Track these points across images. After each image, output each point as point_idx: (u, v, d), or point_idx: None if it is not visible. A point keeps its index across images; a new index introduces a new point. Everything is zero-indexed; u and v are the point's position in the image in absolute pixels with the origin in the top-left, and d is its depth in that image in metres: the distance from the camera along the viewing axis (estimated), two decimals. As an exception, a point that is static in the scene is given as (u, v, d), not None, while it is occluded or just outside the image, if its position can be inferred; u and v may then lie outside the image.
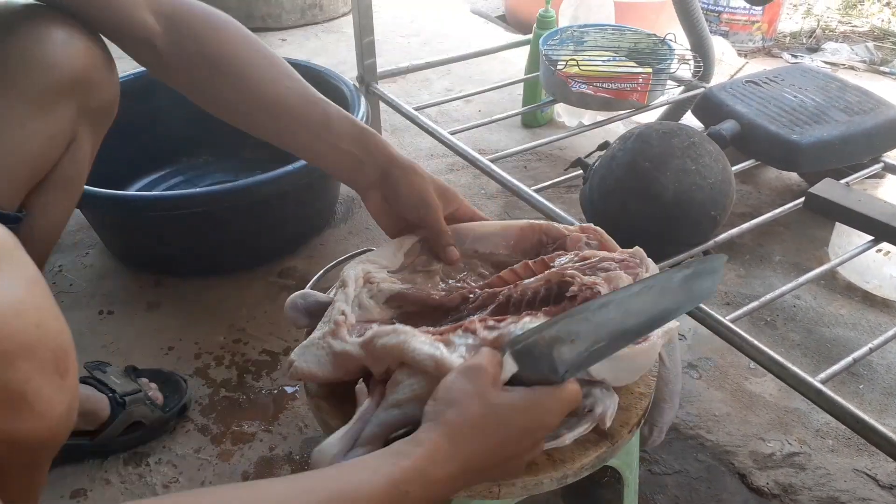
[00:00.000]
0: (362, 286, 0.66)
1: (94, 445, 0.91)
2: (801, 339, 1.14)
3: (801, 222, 1.39)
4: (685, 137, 1.02)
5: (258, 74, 0.70)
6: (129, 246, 1.28)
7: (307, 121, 0.70)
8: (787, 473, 0.93)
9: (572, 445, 0.58)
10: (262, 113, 0.71)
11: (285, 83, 0.70)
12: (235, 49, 0.70)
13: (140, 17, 0.66)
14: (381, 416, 0.56)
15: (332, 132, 0.70)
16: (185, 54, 0.69)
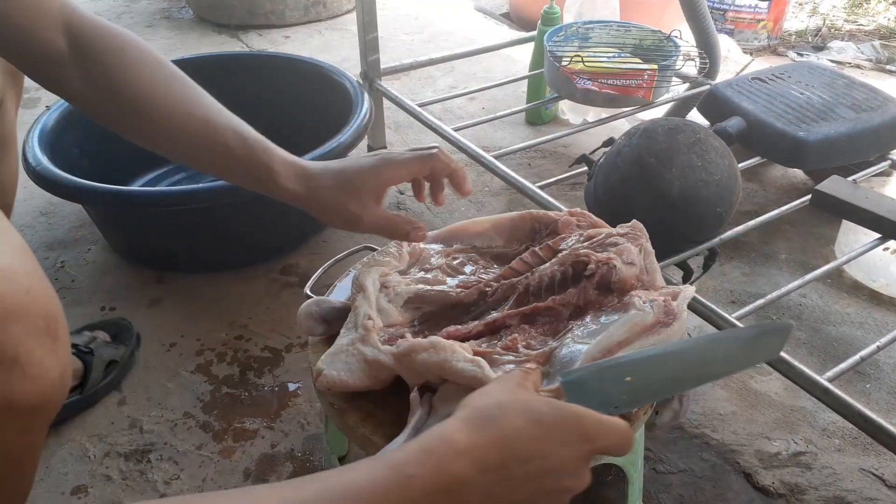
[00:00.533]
0: (379, 290, 0.66)
1: (87, 398, 0.97)
2: (808, 337, 1.13)
3: (808, 220, 1.38)
4: (691, 133, 1.01)
5: (160, 102, 0.67)
6: (131, 242, 1.28)
7: (210, 149, 0.68)
8: (792, 473, 0.92)
9: None
10: (165, 140, 0.69)
11: (191, 111, 0.67)
12: (139, 74, 0.67)
13: (48, 35, 0.64)
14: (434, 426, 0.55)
15: (233, 160, 0.67)
16: (90, 77, 0.66)
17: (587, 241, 0.68)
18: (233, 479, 0.90)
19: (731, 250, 1.31)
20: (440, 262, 0.72)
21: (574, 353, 0.56)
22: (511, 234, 0.75)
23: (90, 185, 1.10)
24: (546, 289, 0.64)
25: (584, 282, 0.63)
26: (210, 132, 0.67)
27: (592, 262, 0.63)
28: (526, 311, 0.62)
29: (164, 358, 1.08)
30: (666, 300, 0.59)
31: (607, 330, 0.57)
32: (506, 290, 0.65)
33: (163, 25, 2.45)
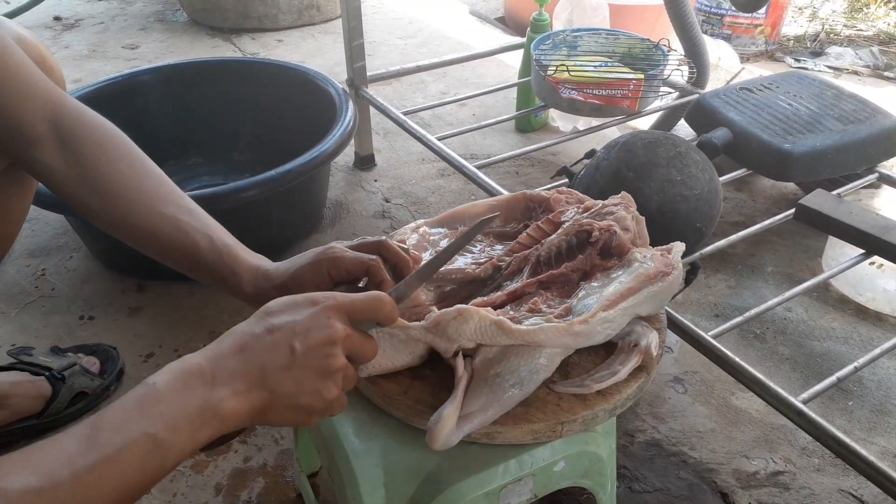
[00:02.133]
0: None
1: (42, 423, 0.95)
2: (791, 352, 1.12)
3: (795, 232, 1.36)
4: (671, 147, 1.00)
5: (133, 199, 0.68)
6: (112, 250, 1.27)
7: (178, 250, 0.68)
8: (770, 493, 0.91)
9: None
10: (133, 235, 0.69)
11: (162, 210, 0.68)
12: (124, 169, 0.68)
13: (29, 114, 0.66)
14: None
15: (199, 263, 0.68)
16: (68, 164, 0.67)
17: (585, 212, 0.74)
18: (204, 493, 0.89)
19: (717, 262, 1.30)
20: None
21: (590, 304, 0.63)
22: (508, 214, 0.79)
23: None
24: (555, 258, 0.70)
25: (588, 248, 0.69)
26: (179, 234, 0.68)
27: (596, 230, 0.70)
28: (543, 278, 0.68)
29: (140, 369, 1.07)
30: (663, 254, 0.67)
31: (616, 281, 0.65)
32: (519, 262, 0.71)
33: (156, 28, 2.45)
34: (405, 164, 1.63)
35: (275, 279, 0.66)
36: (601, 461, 0.72)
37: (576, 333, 0.61)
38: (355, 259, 0.64)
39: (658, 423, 1.00)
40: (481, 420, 0.57)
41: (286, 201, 1.26)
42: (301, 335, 0.50)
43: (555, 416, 0.60)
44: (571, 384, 0.62)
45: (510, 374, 0.59)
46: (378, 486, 0.64)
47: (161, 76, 1.51)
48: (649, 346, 0.63)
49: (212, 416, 0.46)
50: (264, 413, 0.49)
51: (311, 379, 0.50)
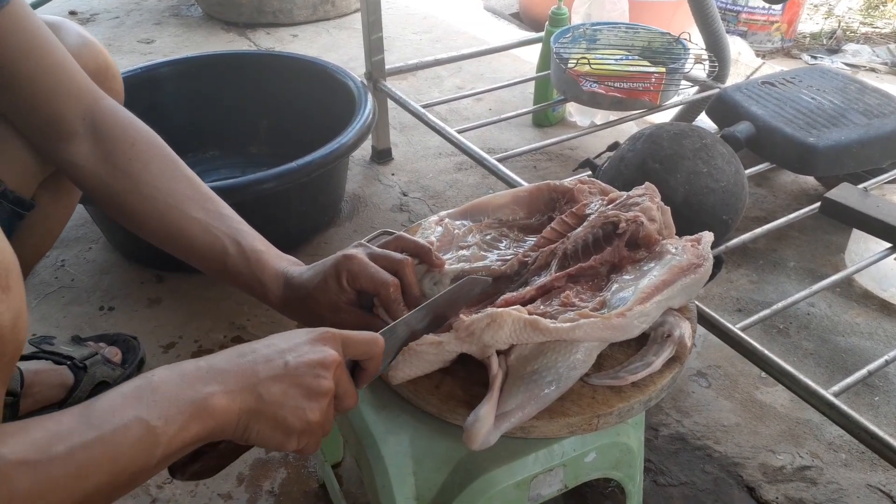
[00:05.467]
0: (423, 276, 0.67)
1: None
2: (815, 348, 1.11)
3: (817, 227, 1.35)
4: (697, 139, 0.99)
5: (170, 201, 0.68)
6: (131, 241, 1.27)
7: (207, 254, 0.68)
8: (797, 488, 0.90)
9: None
10: (161, 236, 0.69)
11: (192, 213, 0.67)
12: (155, 170, 0.69)
13: (65, 107, 0.66)
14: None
15: (228, 269, 0.67)
16: (106, 166, 0.68)
17: (610, 203, 0.72)
18: (226, 484, 0.89)
19: (739, 257, 1.28)
20: (475, 240, 0.75)
21: (626, 296, 0.62)
22: (531, 205, 0.78)
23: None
24: (582, 251, 0.69)
25: (615, 240, 0.68)
26: (209, 237, 0.67)
27: (623, 222, 0.68)
28: (572, 272, 0.67)
29: (161, 359, 1.07)
30: (693, 244, 0.67)
31: (650, 274, 0.64)
32: (546, 256, 0.70)
33: (171, 23, 2.45)
34: (422, 158, 1.62)
35: (299, 290, 0.66)
36: (632, 452, 0.71)
37: (614, 327, 0.60)
38: (372, 279, 0.63)
39: (682, 416, 0.99)
40: (519, 418, 0.57)
41: (305, 194, 1.26)
42: (295, 352, 0.51)
43: (591, 409, 0.59)
44: (606, 376, 0.61)
45: (547, 370, 0.58)
46: (408, 474, 0.64)
47: (178, 69, 1.51)
48: (682, 336, 0.63)
49: (202, 410, 0.46)
50: (249, 421, 0.49)
51: (297, 395, 0.50)
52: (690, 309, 0.68)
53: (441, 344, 0.59)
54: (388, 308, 0.64)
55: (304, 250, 1.30)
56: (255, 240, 0.69)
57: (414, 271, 0.66)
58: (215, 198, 0.70)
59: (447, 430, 0.63)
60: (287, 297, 0.67)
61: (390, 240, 0.69)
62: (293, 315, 0.69)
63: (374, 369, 0.56)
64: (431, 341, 0.59)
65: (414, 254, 0.67)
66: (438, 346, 0.60)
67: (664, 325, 0.64)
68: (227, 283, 0.69)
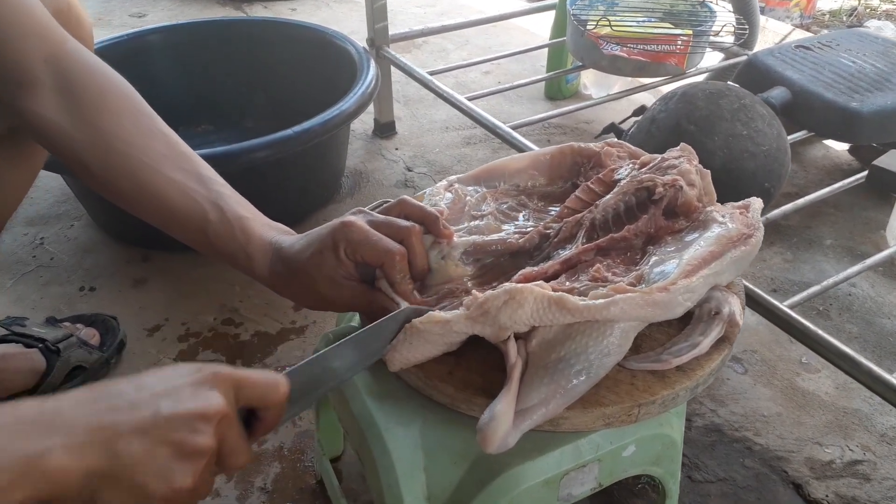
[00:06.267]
0: (429, 248, 0.59)
1: None
2: (860, 331, 1.02)
3: (855, 203, 1.26)
4: (735, 99, 0.89)
5: (144, 159, 0.59)
6: (115, 217, 1.18)
7: (185, 221, 0.60)
8: (849, 484, 0.81)
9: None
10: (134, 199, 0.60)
11: (168, 173, 0.59)
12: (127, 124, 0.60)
13: (27, 57, 0.57)
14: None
15: (209, 238, 0.59)
16: (72, 117, 0.59)
17: (642, 167, 0.64)
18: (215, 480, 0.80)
19: (772, 234, 1.19)
20: (490, 209, 0.66)
21: (667, 270, 0.55)
22: (552, 170, 0.70)
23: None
24: (613, 221, 0.61)
25: (651, 208, 0.60)
26: (188, 202, 0.59)
27: (659, 186, 0.60)
28: (602, 243, 0.59)
29: (144, 343, 0.98)
30: (741, 212, 0.59)
31: (694, 245, 0.56)
32: (570, 228, 0.62)
33: (165, -3, 2.35)
34: (427, 132, 1.52)
35: (290, 262, 0.57)
36: (675, 445, 0.62)
37: (656, 304, 0.50)
38: (375, 248, 0.55)
39: (717, 405, 0.90)
40: (542, 415, 0.48)
41: (302, 166, 1.17)
42: (171, 397, 0.40)
43: (630, 398, 0.50)
44: (646, 359, 0.52)
45: (576, 357, 0.49)
46: (417, 470, 0.55)
47: (169, 37, 1.42)
48: (733, 313, 0.54)
49: (34, 469, 0.36)
50: (98, 486, 0.38)
51: (165, 455, 0.39)
52: (737, 285, 0.59)
53: (448, 323, 0.50)
54: (392, 281, 0.56)
55: (302, 228, 1.18)
56: (239, 205, 0.60)
57: (422, 240, 0.57)
58: (195, 157, 0.61)
59: (464, 419, 0.54)
60: (276, 271, 0.58)
61: (392, 204, 0.60)
62: (283, 291, 0.60)
63: (274, 419, 0.46)
64: (437, 319, 0.50)
65: (420, 221, 0.58)
66: (445, 326, 0.50)
67: (710, 301, 0.55)
68: (209, 253, 0.61)
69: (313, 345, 0.97)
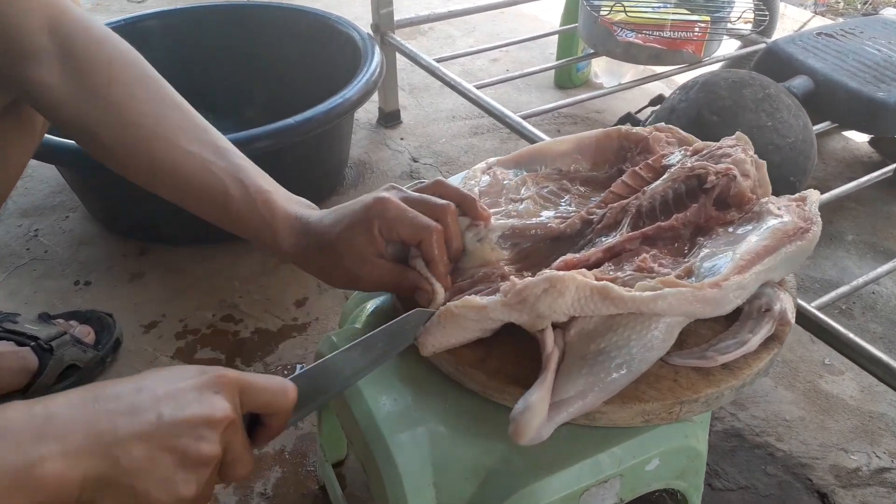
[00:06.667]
0: (465, 229, 0.58)
1: None
2: (885, 331, 0.98)
3: (877, 197, 1.21)
4: (759, 88, 0.85)
5: (158, 131, 0.56)
6: (112, 209, 1.14)
7: (205, 196, 0.57)
8: (877, 493, 0.77)
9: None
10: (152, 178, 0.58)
11: (185, 146, 0.57)
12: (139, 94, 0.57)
13: (29, 26, 0.54)
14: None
15: (230, 213, 0.57)
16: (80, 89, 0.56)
17: (694, 154, 0.62)
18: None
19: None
20: (530, 193, 0.64)
21: (718, 264, 0.52)
22: (597, 155, 0.68)
23: (66, 143, 0.96)
24: (661, 209, 0.59)
25: (702, 197, 0.57)
26: (207, 176, 0.56)
27: (712, 175, 0.58)
28: (649, 231, 0.57)
29: (141, 340, 0.94)
30: (799, 205, 0.56)
31: (747, 238, 0.53)
32: (615, 214, 0.60)
33: (165, -17, 2.30)
34: (434, 121, 1.48)
35: (318, 238, 0.55)
36: (699, 458, 0.58)
37: (706, 300, 0.48)
38: (412, 224, 0.53)
39: (737, 409, 0.86)
40: (579, 408, 0.45)
41: (304, 156, 1.13)
42: (174, 401, 0.38)
43: (672, 395, 0.48)
44: (691, 355, 0.50)
45: (617, 350, 0.47)
46: (426, 485, 0.51)
47: (167, 22, 1.37)
48: (784, 311, 0.51)
49: (26, 480, 0.33)
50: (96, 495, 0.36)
51: (167, 463, 0.37)
52: (789, 282, 0.56)
53: (484, 309, 0.48)
54: (429, 260, 0.53)
55: None
56: (260, 178, 0.57)
57: (457, 219, 0.55)
58: (210, 128, 0.59)
59: (477, 429, 0.51)
60: (302, 246, 0.56)
61: (428, 184, 0.57)
62: (308, 267, 0.57)
63: (279, 426, 0.44)
64: (474, 305, 0.48)
65: (457, 203, 0.56)
66: (481, 312, 0.48)
67: (761, 297, 0.53)
68: (232, 229, 0.58)
69: (315, 342, 0.94)
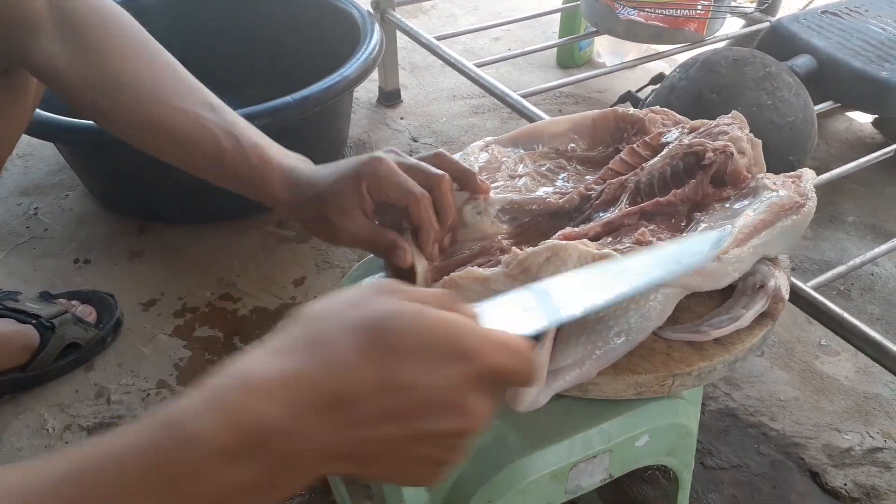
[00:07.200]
0: (465, 202, 0.58)
1: (28, 376, 0.85)
2: (882, 312, 0.97)
3: (879, 179, 1.20)
4: (760, 66, 0.84)
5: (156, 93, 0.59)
6: (111, 187, 1.14)
7: (199, 151, 0.59)
8: (868, 473, 0.78)
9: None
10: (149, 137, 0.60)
11: (178, 104, 0.59)
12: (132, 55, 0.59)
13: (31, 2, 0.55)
14: None
15: (225, 168, 0.59)
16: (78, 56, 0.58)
17: (692, 132, 0.62)
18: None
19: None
20: (528, 170, 0.65)
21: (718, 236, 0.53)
22: (594, 135, 0.68)
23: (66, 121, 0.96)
24: (659, 185, 0.60)
25: (699, 174, 0.58)
26: (201, 132, 0.59)
27: (710, 151, 0.58)
28: (647, 207, 0.57)
29: (140, 318, 0.95)
30: (794, 181, 0.57)
31: (745, 212, 0.54)
32: (614, 189, 0.60)
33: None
34: (434, 101, 1.47)
35: (311, 187, 0.57)
36: (690, 435, 0.59)
37: (706, 273, 0.49)
38: (399, 186, 0.53)
39: (732, 389, 0.87)
40: (576, 376, 0.46)
41: (302, 135, 1.12)
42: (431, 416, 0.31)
43: (665, 368, 0.49)
44: (685, 330, 0.51)
45: (615, 319, 0.47)
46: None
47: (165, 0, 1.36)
48: (779, 287, 0.52)
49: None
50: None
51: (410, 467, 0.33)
52: (783, 261, 0.56)
53: (488, 280, 0.48)
54: (416, 226, 0.53)
55: None
56: (253, 133, 0.60)
57: (451, 190, 0.55)
58: (203, 87, 0.61)
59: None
60: (296, 198, 0.57)
61: (428, 155, 0.57)
62: (299, 216, 0.59)
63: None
64: (476, 276, 0.49)
65: (454, 175, 0.56)
66: (484, 283, 0.49)
67: (756, 274, 0.53)
68: (227, 184, 0.60)
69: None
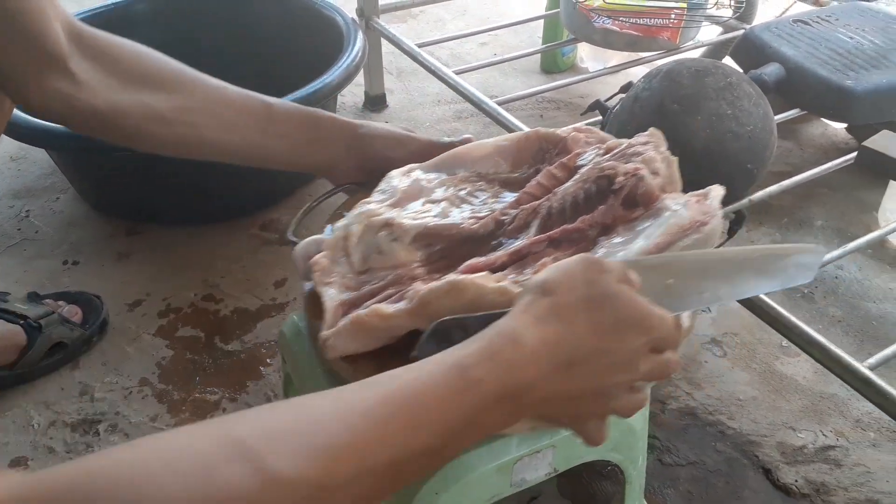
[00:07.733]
0: (380, 230, 0.58)
1: (15, 374, 0.88)
2: (843, 314, 1.00)
3: (848, 183, 1.23)
4: (721, 77, 0.87)
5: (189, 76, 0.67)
6: (100, 191, 1.18)
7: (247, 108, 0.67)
8: (819, 470, 0.81)
9: None
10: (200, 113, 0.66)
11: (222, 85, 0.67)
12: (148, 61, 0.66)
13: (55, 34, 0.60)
14: None
15: (275, 121, 0.67)
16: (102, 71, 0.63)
17: (607, 153, 0.62)
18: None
19: (761, 214, 1.17)
20: (447, 194, 0.65)
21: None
22: (517, 157, 0.68)
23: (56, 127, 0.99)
24: (570, 209, 0.59)
25: (610, 198, 0.57)
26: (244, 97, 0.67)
27: (620, 175, 0.57)
28: (554, 234, 0.57)
29: (125, 318, 0.99)
30: (698, 200, 0.55)
31: (641, 235, 0.54)
32: (526, 215, 0.60)
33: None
34: (419, 105, 1.50)
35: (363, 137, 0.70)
36: (633, 433, 0.62)
37: None
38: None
39: (693, 389, 0.90)
40: None
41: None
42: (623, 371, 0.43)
43: None
44: None
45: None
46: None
47: (153, 6, 1.39)
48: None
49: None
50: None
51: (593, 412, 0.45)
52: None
53: (390, 317, 0.50)
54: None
55: (288, 203, 1.20)
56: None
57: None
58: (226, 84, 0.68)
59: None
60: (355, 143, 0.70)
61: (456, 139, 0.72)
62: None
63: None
64: (380, 314, 0.50)
65: None
66: (387, 320, 0.50)
67: None
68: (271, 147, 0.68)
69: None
